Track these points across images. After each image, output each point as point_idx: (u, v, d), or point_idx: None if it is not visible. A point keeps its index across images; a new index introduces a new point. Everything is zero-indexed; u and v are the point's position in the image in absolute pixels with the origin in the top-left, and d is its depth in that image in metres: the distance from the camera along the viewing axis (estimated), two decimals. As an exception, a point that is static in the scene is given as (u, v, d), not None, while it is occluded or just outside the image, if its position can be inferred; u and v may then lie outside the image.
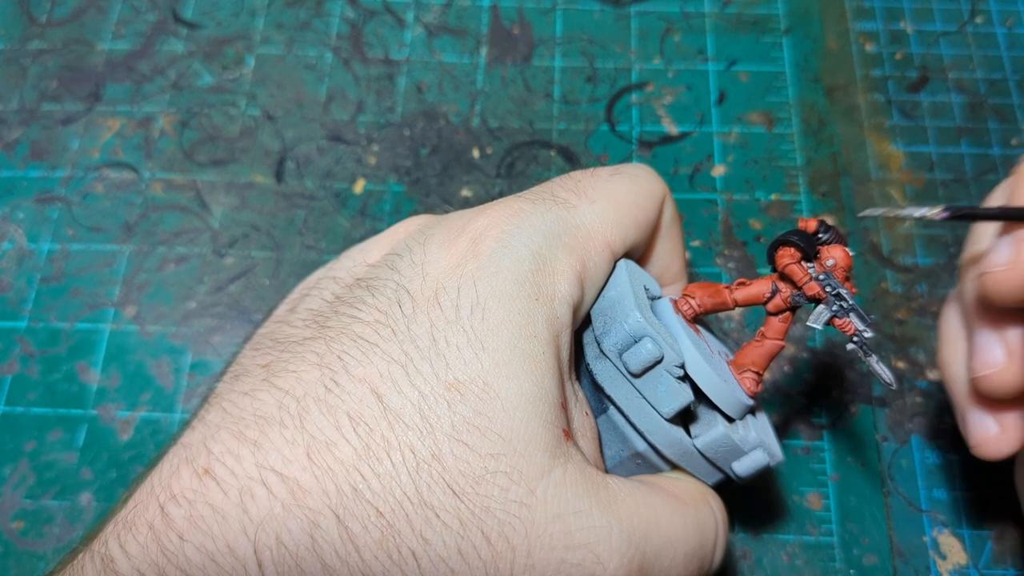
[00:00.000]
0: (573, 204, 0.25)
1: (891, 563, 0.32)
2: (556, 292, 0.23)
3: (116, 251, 0.38)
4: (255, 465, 0.20)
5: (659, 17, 0.44)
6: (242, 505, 0.19)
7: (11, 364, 0.35)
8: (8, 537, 0.32)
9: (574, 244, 0.24)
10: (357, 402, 0.20)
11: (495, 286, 0.22)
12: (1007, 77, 0.42)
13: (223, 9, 0.44)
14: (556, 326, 0.23)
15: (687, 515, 0.24)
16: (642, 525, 0.22)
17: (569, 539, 0.20)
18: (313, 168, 0.40)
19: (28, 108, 0.41)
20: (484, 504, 0.20)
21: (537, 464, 0.21)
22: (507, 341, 0.21)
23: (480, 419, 0.20)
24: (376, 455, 0.20)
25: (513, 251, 0.23)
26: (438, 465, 0.20)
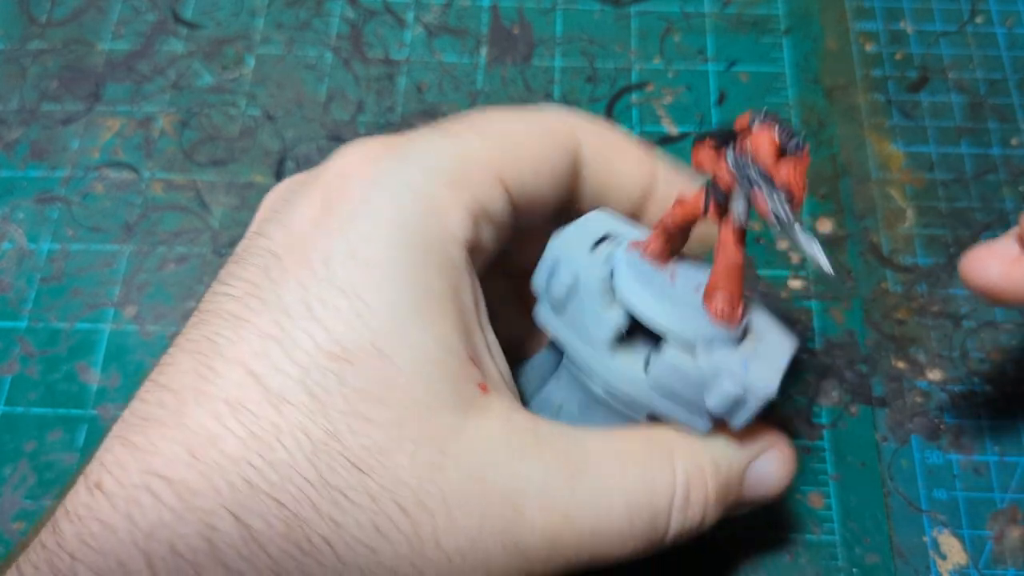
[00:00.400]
0: (457, 134, 0.23)
1: (891, 563, 0.32)
2: (445, 234, 0.20)
3: (116, 251, 0.38)
4: (139, 471, 0.18)
5: (659, 17, 0.44)
6: (129, 516, 0.17)
7: (11, 364, 0.35)
8: (8, 537, 0.32)
9: (461, 179, 0.21)
10: (235, 387, 0.18)
11: (372, 233, 0.20)
12: (1007, 77, 0.42)
13: (223, 9, 0.44)
14: (452, 273, 0.20)
15: (629, 466, 0.22)
16: (568, 471, 0.20)
17: (488, 493, 0.19)
18: (313, 168, 0.40)
19: (28, 108, 0.41)
20: (394, 475, 0.18)
21: (447, 424, 0.19)
22: (395, 296, 0.19)
23: (376, 387, 0.19)
24: (266, 443, 0.18)
25: (387, 189, 0.20)
26: (337, 444, 0.18)
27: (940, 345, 0.36)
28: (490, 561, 0.19)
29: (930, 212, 0.38)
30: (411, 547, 0.18)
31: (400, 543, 0.18)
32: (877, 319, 0.36)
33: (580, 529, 0.21)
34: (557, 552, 0.21)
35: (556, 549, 0.20)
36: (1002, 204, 0.38)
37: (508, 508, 0.19)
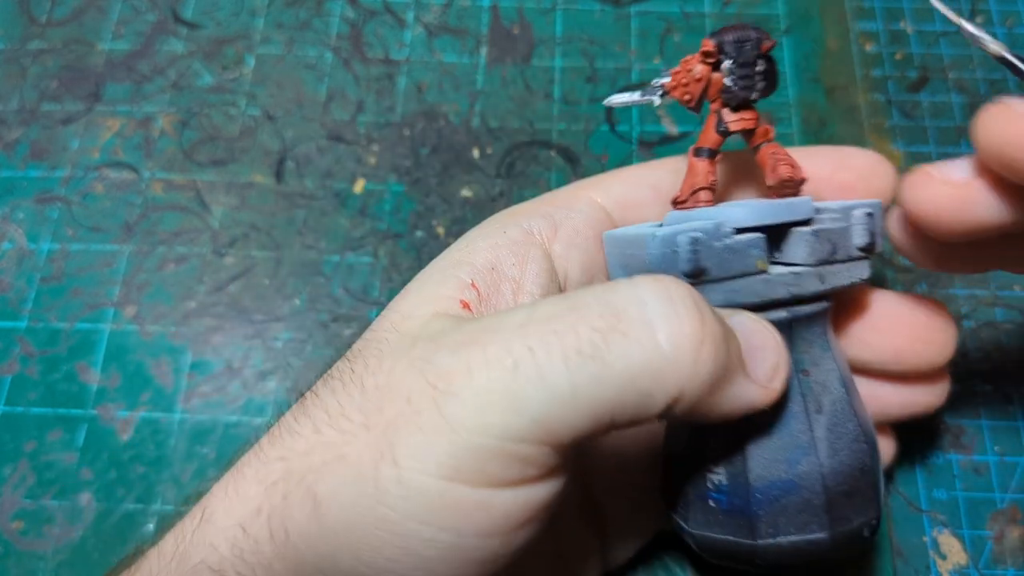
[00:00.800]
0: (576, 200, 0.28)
1: (891, 563, 0.32)
2: (511, 220, 0.26)
3: (116, 251, 0.38)
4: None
5: (659, 17, 0.44)
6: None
7: (11, 364, 0.35)
8: (8, 537, 0.32)
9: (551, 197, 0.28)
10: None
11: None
12: (1007, 77, 0.42)
13: (223, 9, 0.44)
14: (500, 239, 0.25)
15: (568, 299, 0.21)
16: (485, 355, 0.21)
17: (414, 354, 0.21)
18: (313, 168, 0.40)
19: (28, 108, 0.41)
20: (364, 354, 0.23)
21: (412, 312, 0.23)
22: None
23: (385, 315, 0.24)
24: (321, 385, 0.24)
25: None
26: (349, 360, 0.23)
27: (940, 345, 0.35)
28: (403, 390, 0.21)
29: (930, 212, 0.38)
30: (345, 392, 0.22)
31: (340, 392, 0.22)
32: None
33: (521, 380, 0.20)
34: (512, 402, 0.20)
35: (508, 398, 0.20)
36: (1002, 204, 0.38)
37: (428, 357, 0.21)
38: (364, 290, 0.37)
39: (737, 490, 0.24)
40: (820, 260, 0.24)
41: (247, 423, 0.35)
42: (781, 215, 0.24)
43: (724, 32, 0.25)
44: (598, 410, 0.20)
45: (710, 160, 0.26)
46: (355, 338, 0.36)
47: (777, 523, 0.24)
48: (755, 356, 0.22)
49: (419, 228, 0.38)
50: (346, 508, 0.20)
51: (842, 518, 0.24)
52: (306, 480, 0.21)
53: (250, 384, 0.35)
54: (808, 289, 0.24)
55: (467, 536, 0.20)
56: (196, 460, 0.34)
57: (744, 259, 0.23)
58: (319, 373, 0.35)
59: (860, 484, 0.24)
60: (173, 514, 0.33)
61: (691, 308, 0.20)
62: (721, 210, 0.24)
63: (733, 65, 0.25)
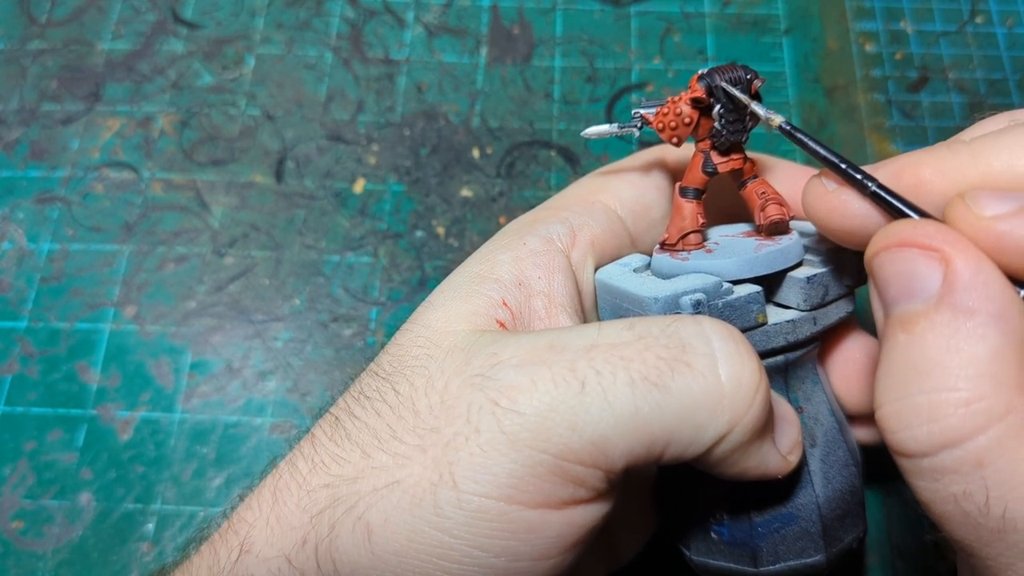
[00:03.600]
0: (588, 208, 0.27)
1: (891, 563, 0.32)
2: (528, 231, 0.25)
3: (116, 251, 0.38)
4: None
5: (659, 17, 0.44)
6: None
7: (11, 364, 0.35)
8: (8, 537, 0.32)
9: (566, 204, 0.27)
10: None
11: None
12: (1007, 77, 0.42)
13: (223, 9, 0.44)
14: (520, 251, 0.25)
15: (623, 329, 0.21)
16: (548, 339, 0.21)
17: (470, 367, 0.21)
18: (313, 168, 0.40)
19: (28, 108, 0.41)
20: (403, 367, 0.22)
21: (450, 329, 0.23)
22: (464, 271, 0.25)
23: (412, 323, 0.24)
24: (352, 395, 0.23)
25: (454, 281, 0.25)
26: (380, 370, 0.23)
27: (940, 345, 0.35)
28: (462, 409, 0.20)
29: (930, 212, 0.38)
30: (394, 415, 0.21)
31: (387, 414, 0.21)
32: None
33: (569, 404, 0.20)
34: (553, 420, 0.20)
35: (552, 416, 0.20)
36: (1002, 204, 0.38)
37: (491, 383, 0.21)
38: (364, 290, 0.37)
39: (739, 525, 0.25)
40: (814, 305, 0.24)
41: (247, 423, 0.35)
42: (776, 264, 0.24)
43: (714, 74, 0.24)
44: (654, 437, 0.20)
45: (697, 201, 0.25)
46: (356, 338, 0.37)
47: (777, 552, 0.25)
48: (780, 427, 0.23)
49: (419, 228, 0.38)
50: (401, 536, 0.20)
51: (836, 539, 0.25)
52: (357, 508, 0.20)
53: (250, 384, 0.35)
54: (804, 334, 0.24)
55: (523, 560, 0.20)
56: (196, 460, 0.34)
57: (745, 315, 0.23)
58: (319, 373, 0.35)
59: (851, 505, 0.25)
60: (174, 514, 0.33)
61: (752, 354, 0.21)
62: (715, 261, 0.24)
63: (723, 110, 0.24)
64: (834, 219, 0.21)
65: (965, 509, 0.17)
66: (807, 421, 0.25)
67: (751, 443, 0.21)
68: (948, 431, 0.17)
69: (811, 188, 0.22)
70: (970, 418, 0.17)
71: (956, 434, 0.17)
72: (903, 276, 0.18)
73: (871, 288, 0.19)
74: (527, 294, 0.24)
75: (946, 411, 0.17)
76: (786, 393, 0.25)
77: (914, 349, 0.18)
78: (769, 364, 0.24)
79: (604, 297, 0.26)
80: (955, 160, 0.19)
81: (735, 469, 0.22)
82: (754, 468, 0.22)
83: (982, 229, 0.18)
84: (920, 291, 0.18)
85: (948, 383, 0.17)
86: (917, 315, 0.18)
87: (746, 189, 0.26)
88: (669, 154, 0.28)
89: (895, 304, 0.18)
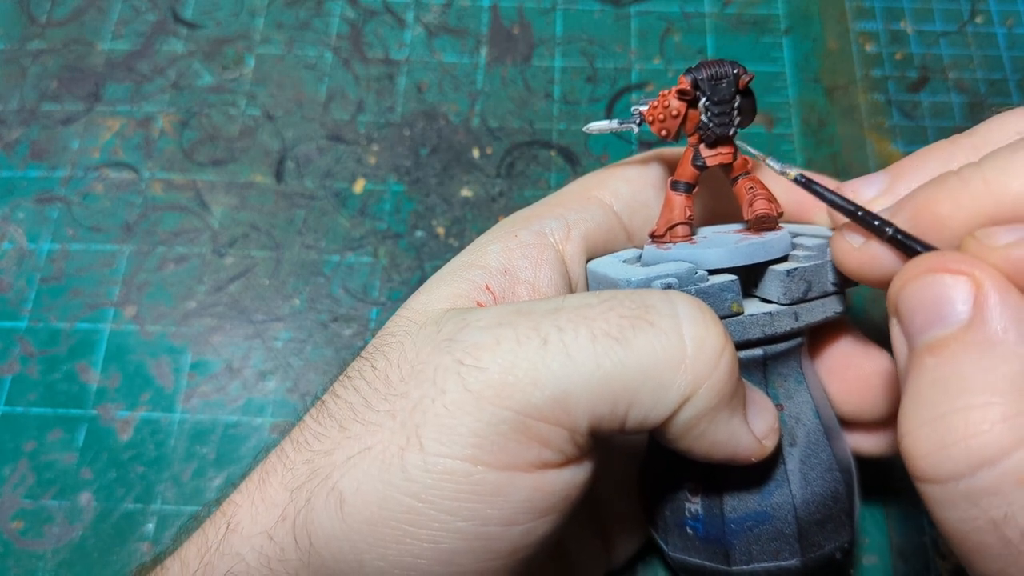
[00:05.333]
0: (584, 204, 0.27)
1: (891, 563, 0.32)
2: (523, 224, 0.26)
3: (116, 251, 0.38)
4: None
5: (659, 17, 0.44)
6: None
7: (11, 364, 0.35)
8: (8, 537, 0.32)
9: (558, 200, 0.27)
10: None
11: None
12: (1007, 77, 0.42)
13: (223, 9, 0.44)
14: (510, 242, 0.25)
15: (590, 297, 0.22)
16: (520, 331, 0.21)
17: (449, 340, 0.22)
18: (313, 168, 0.40)
19: (28, 108, 0.41)
20: (382, 351, 0.23)
21: (431, 308, 0.23)
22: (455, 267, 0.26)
23: (403, 310, 0.24)
24: (342, 383, 0.23)
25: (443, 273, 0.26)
26: (369, 359, 0.23)
27: (940, 345, 0.35)
28: (429, 372, 0.21)
29: (930, 212, 0.38)
30: (369, 388, 0.22)
31: (363, 388, 0.22)
32: (877, 319, 0.36)
33: (526, 378, 0.20)
34: (512, 397, 0.20)
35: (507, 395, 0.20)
36: (1002, 204, 0.38)
37: (455, 336, 0.21)
38: (364, 290, 0.37)
39: (712, 520, 0.25)
40: (794, 300, 0.24)
41: (247, 423, 0.35)
42: (756, 255, 0.24)
43: (700, 68, 0.25)
44: (616, 396, 0.20)
45: (687, 195, 0.26)
46: (356, 338, 0.37)
47: (751, 551, 0.24)
48: (754, 410, 0.23)
49: (419, 228, 0.38)
50: (372, 504, 0.20)
51: (814, 544, 0.25)
52: (331, 479, 0.20)
53: (250, 384, 0.35)
54: (782, 328, 0.24)
55: (491, 524, 0.20)
56: (196, 460, 0.34)
57: (719, 302, 0.23)
58: (319, 373, 0.35)
59: (833, 511, 0.25)
60: (174, 514, 0.33)
61: (718, 323, 0.21)
62: (696, 251, 0.24)
63: (709, 103, 0.25)
64: (866, 272, 0.22)
65: (1007, 536, 0.16)
66: (787, 419, 0.25)
67: (717, 411, 0.21)
68: (986, 447, 0.16)
69: (838, 246, 0.22)
70: (1009, 432, 0.16)
71: (995, 449, 0.16)
72: (931, 303, 0.18)
73: (892, 329, 0.19)
74: (512, 281, 0.24)
75: (982, 426, 0.16)
76: (764, 388, 0.25)
77: (945, 370, 0.17)
78: (746, 356, 0.24)
79: (592, 286, 0.26)
80: (968, 192, 0.19)
81: (704, 442, 0.21)
82: (724, 444, 0.22)
83: (998, 258, 0.18)
84: (949, 315, 0.18)
85: (983, 399, 0.16)
86: (947, 339, 0.17)
87: (736, 185, 0.26)
88: (667, 154, 0.29)
89: (922, 334, 0.18)
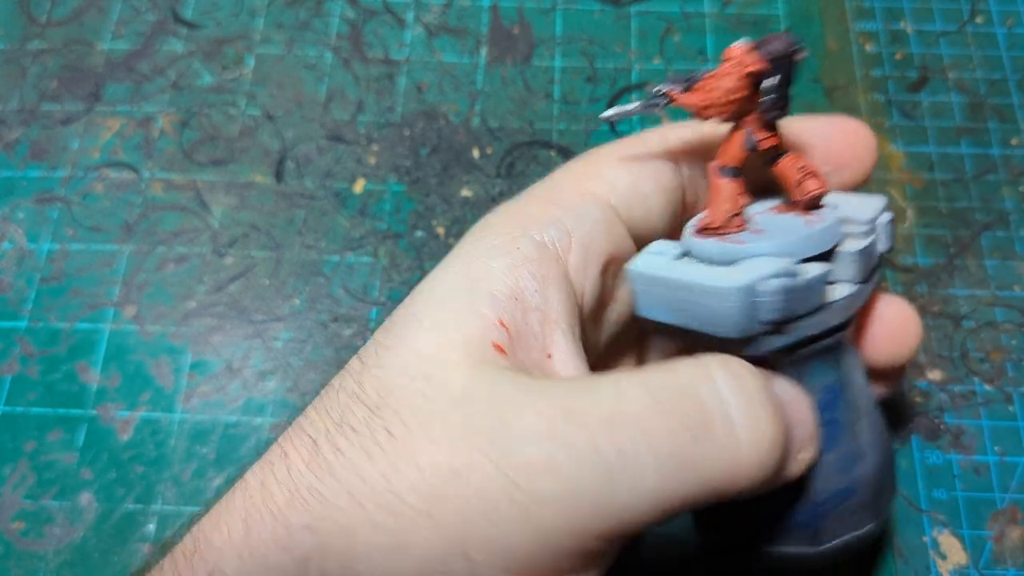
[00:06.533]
0: (578, 209, 0.25)
1: (892, 563, 0.32)
2: (521, 232, 0.23)
3: (116, 251, 0.38)
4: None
5: (659, 17, 0.44)
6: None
7: (11, 364, 0.35)
8: (8, 537, 0.32)
9: (584, 255, 0.24)
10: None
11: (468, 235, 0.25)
12: (1007, 77, 0.42)
13: (223, 9, 0.44)
14: (515, 256, 0.23)
15: (636, 389, 0.20)
16: (568, 406, 0.20)
17: (472, 424, 0.20)
18: (313, 168, 0.40)
19: (28, 108, 0.41)
20: (393, 409, 0.20)
21: (447, 363, 0.21)
22: (447, 282, 0.23)
23: (389, 338, 0.22)
24: (323, 398, 0.22)
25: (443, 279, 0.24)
26: (361, 392, 0.21)
27: (940, 345, 0.36)
28: (474, 480, 0.19)
29: (930, 212, 0.38)
30: (389, 462, 0.20)
31: (381, 460, 0.20)
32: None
33: (585, 473, 0.19)
34: (573, 501, 0.19)
35: (570, 498, 0.19)
36: (1002, 204, 0.38)
37: (497, 440, 0.19)
38: (364, 290, 0.37)
39: (801, 507, 0.24)
40: (866, 277, 0.24)
41: (247, 423, 0.35)
42: (830, 240, 0.23)
43: (770, 42, 0.22)
44: (674, 508, 0.20)
45: (738, 180, 0.24)
46: (356, 338, 0.37)
47: (835, 528, 0.24)
48: (792, 431, 0.22)
49: (419, 228, 0.38)
50: None
51: (885, 503, 0.25)
52: (356, 568, 0.19)
53: (250, 384, 0.35)
54: (856, 307, 0.24)
55: None
56: (196, 460, 0.34)
57: (815, 295, 0.22)
58: (319, 373, 0.35)
59: (892, 465, 0.26)
60: (175, 514, 0.33)
61: (768, 408, 0.21)
62: (776, 243, 0.23)
63: (777, 83, 0.23)
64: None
65: None
66: (856, 394, 0.25)
67: (769, 483, 0.21)
68: None
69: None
70: None
71: None
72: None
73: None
74: (523, 309, 0.22)
75: None
76: (837, 372, 0.24)
77: None
78: (825, 345, 0.24)
79: (652, 291, 0.24)
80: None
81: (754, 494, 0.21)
82: (771, 487, 0.22)
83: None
84: None
85: None
86: None
87: (779, 164, 0.24)
88: (669, 134, 0.26)
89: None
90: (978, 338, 0.36)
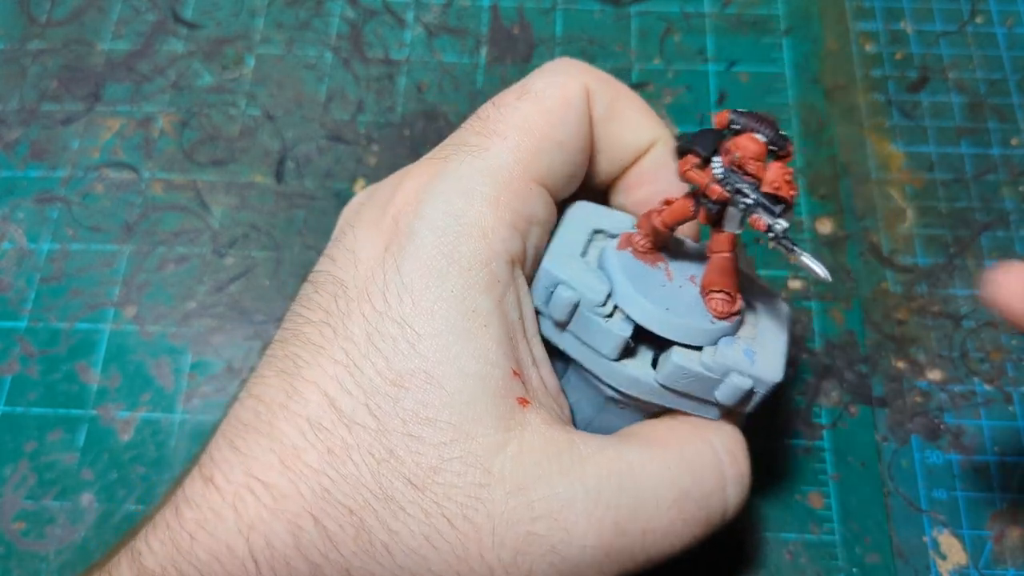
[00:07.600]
0: (485, 148, 0.24)
1: (892, 563, 0.32)
2: (489, 253, 0.22)
3: (116, 251, 0.38)
4: (243, 472, 0.21)
5: (659, 17, 0.44)
6: (235, 509, 0.21)
7: (11, 364, 0.35)
8: (9, 538, 0.32)
9: (496, 193, 0.23)
10: (314, 407, 0.21)
11: (420, 265, 0.22)
12: (1007, 77, 0.42)
13: (223, 9, 0.44)
14: (497, 289, 0.22)
15: (668, 457, 0.23)
16: (613, 480, 0.22)
17: (532, 510, 0.21)
18: (313, 168, 0.40)
19: (28, 108, 0.41)
20: (444, 492, 0.21)
21: (490, 442, 0.21)
22: (442, 324, 0.21)
23: (427, 410, 0.21)
24: (339, 458, 0.21)
25: (432, 221, 0.22)
26: (395, 461, 0.21)
27: (940, 345, 0.36)
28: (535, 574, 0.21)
29: (930, 212, 0.38)
30: (457, 557, 0.20)
31: (447, 553, 0.20)
32: (877, 319, 0.36)
33: (632, 534, 0.22)
34: (612, 559, 0.22)
35: (610, 557, 0.22)
36: (1002, 204, 0.38)
37: (555, 526, 0.21)
38: (364, 290, 0.37)
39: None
40: (671, 389, 0.24)
41: (247, 423, 0.35)
42: (677, 334, 0.23)
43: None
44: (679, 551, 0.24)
45: (691, 198, 0.23)
46: (355, 338, 0.37)
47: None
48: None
49: (419, 228, 0.38)
50: None
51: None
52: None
53: (250, 384, 0.35)
54: (640, 397, 0.24)
55: None
56: (197, 460, 0.34)
57: (604, 341, 0.23)
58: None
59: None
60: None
61: (747, 478, 0.25)
62: (630, 288, 0.23)
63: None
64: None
65: None
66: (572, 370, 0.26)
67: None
68: None
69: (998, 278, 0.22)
70: None
71: None
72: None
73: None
74: (515, 341, 0.23)
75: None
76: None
77: None
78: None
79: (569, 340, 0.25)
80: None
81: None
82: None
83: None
84: None
85: None
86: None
87: (712, 238, 0.24)
88: (585, 79, 0.26)
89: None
90: (978, 338, 0.36)
